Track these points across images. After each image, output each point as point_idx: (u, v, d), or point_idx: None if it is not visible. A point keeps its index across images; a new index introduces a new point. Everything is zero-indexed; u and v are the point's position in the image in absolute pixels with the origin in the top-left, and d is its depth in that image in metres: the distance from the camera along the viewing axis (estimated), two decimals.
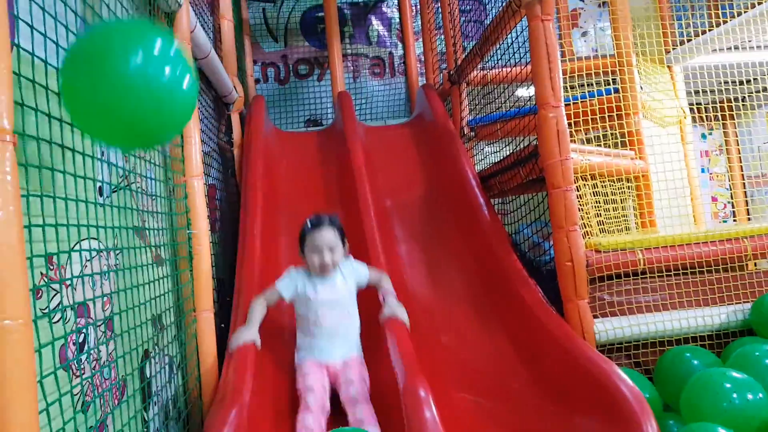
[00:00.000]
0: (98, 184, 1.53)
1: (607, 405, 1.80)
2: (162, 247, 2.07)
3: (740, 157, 4.07)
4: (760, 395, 1.83)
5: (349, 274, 2.23)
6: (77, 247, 1.36)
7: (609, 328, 2.26)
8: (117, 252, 1.63)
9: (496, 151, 3.19)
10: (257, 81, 4.49)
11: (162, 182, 2.14)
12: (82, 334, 1.37)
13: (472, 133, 3.60)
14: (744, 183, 3.69)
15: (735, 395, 1.83)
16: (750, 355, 2.01)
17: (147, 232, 1.93)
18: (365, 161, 3.20)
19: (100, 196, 1.55)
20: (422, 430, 1.67)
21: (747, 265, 2.47)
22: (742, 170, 3.95)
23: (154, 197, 2.04)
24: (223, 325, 2.48)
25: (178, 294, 2.18)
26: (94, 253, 1.46)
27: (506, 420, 1.87)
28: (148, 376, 1.80)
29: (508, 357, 2.24)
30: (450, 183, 3.17)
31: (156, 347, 1.90)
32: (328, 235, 2.13)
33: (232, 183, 3.28)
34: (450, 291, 2.68)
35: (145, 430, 1.73)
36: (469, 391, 2.09)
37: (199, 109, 2.60)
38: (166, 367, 1.97)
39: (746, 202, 3.43)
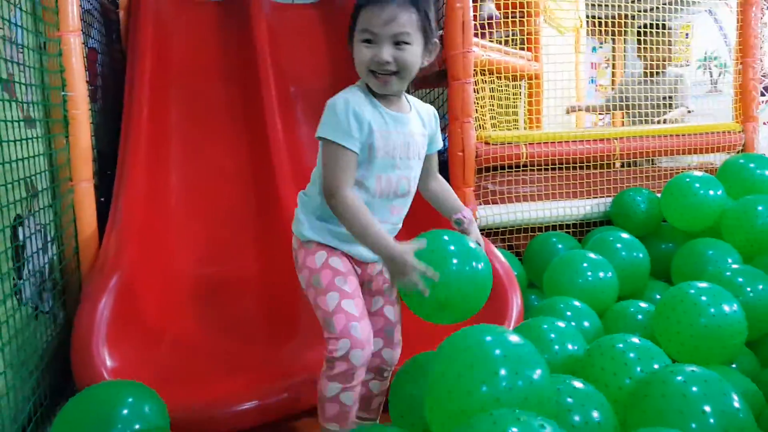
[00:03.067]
0: None
1: None
2: (32, 106, 1.88)
3: (623, 71, 4.36)
4: (610, 274, 2.09)
5: (427, 118, 1.40)
6: None
7: (489, 214, 2.44)
8: None
9: None
10: None
11: (32, 33, 1.91)
12: None
13: None
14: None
15: (589, 274, 2.06)
16: (606, 241, 2.27)
17: (15, 86, 1.74)
18: (269, 40, 3.04)
19: None
20: None
21: (614, 163, 2.72)
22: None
23: (21, 48, 1.83)
24: (103, 199, 2.36)
25: (52, 160, 2.02)
26: None
27: None
28: (20, 239, 1.70)
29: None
30: (354, 71, 3.10)
31: (28, 212, 1.78)
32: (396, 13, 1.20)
33: (116, 49, 2.99)
34: None
35: (17, 296, 1.66)
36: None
37: None
38: (38, 234, 1.87)
39: (623, 114, 3.72)
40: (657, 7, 3.33)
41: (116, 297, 1.74)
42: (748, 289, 1.81)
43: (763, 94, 3.07)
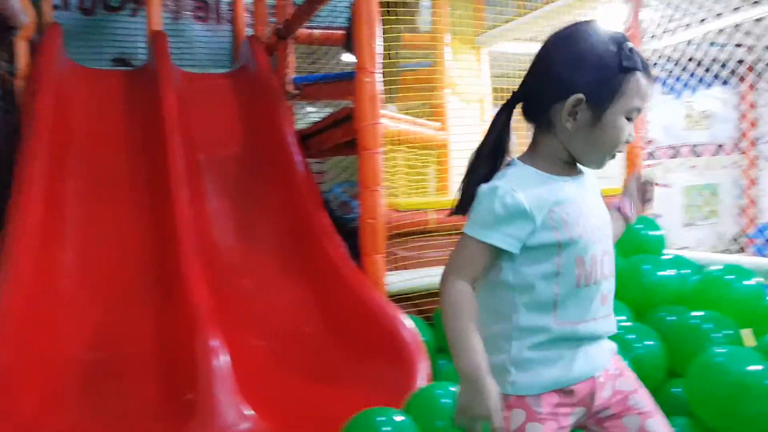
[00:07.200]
0: None
1: (389, 347, 1.97)
2: None
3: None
4: None
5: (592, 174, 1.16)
6: None
7: (399, 279, 2.45)
8: None
9: (318, 111, 3.22)
10: (56, 7, 3.90)
11: None
12: None
13: (297, 92, 3.56)
14: None
15: None
16: None
17: None
18: (179, 109, 3.00)
19: None
20: (211, 378, 1.69)
21: None
22: None
23: None
24: None
25: None
26: None
27: (297, 363, 1.97)
28: None
29: (307, 305, 2.34)
30: (268, 140, 3.12)
31: None
32: None
33: (12, 120, 2.86)
34: (257, 244, 2.68)
35: None
36: (263, 338, 2.14)
37: None
38: None
39: None
40: None
41: None
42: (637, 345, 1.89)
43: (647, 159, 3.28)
